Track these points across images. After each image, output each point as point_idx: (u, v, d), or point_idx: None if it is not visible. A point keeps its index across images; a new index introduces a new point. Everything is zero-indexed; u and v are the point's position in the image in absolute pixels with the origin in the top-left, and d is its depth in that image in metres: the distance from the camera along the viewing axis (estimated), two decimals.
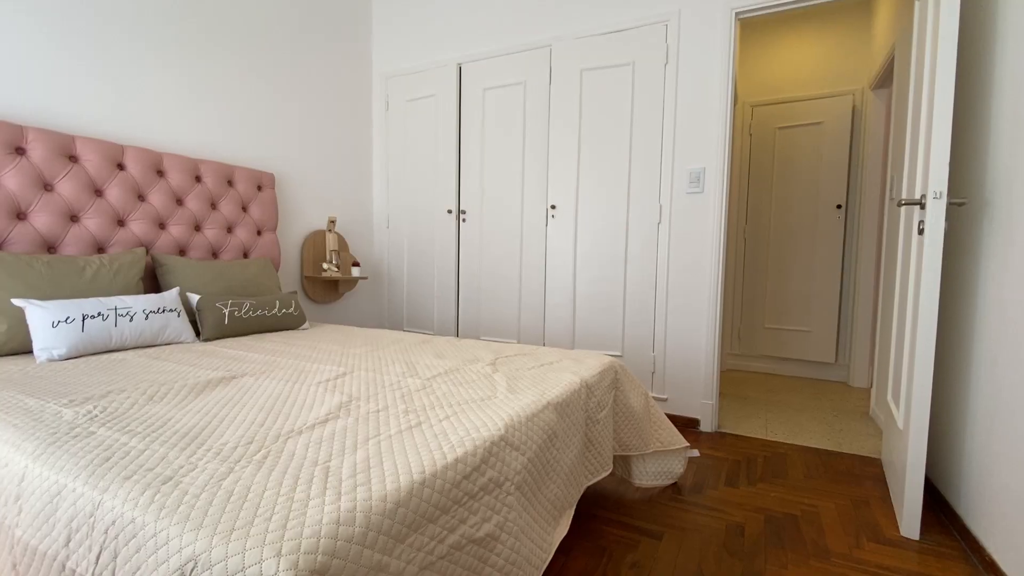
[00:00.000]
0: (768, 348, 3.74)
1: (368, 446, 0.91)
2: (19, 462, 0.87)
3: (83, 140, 1.96)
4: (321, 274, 2.98)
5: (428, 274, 3.31)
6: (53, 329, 1.56)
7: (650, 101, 2.53)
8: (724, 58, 2.36)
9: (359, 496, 0.71)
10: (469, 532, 0.86)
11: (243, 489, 0.72)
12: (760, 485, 1.92)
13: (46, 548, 0.77)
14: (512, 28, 2.90)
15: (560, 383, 1.38)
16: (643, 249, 2.59)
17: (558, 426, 1.23)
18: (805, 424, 2.61)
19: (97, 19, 2.04)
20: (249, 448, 0.88)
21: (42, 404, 1.10)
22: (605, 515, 1.66)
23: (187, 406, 1.11)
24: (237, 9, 2.57)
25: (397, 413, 1.10)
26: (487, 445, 0.96)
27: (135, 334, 1.74)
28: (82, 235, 1.96)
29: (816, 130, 3.51)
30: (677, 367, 2.55)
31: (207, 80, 2.45)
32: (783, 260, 3.68)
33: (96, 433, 0.94)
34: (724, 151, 2.38)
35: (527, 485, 1.06)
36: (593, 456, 1.47)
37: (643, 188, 2.57)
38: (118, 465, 0.80)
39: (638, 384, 1.76)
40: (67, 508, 0.76)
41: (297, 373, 1.44)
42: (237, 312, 2.07)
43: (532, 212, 2.89)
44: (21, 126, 1.81)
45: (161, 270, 2.10)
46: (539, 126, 2.84)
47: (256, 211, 2.61)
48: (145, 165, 2.14)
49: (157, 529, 0.65)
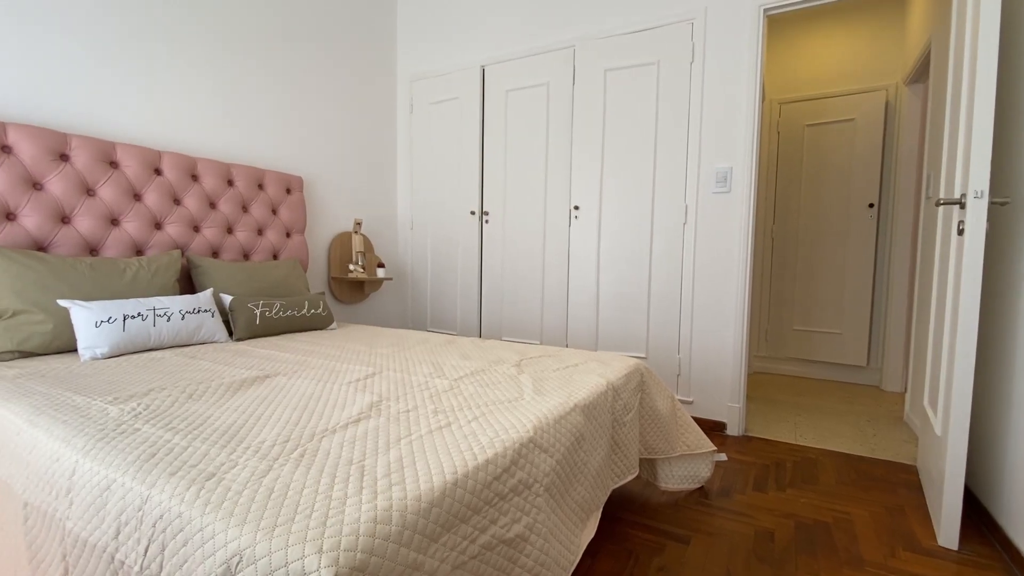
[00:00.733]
0: (797, 350, 3.66)
1: (400, 446, 0.92)
2: (70, 457, 0.91)
3: (123, 146, 2.03)
4: (347, 275, 3.03)
5: (451, 275, 3.33)
6: (96, 329, 1.63)
7: (675, 100, 2.50)
8: (752, 56, 2.32)
9: (394, 495, 0.73)
10: (499, 533, 0.87)
11: (283, 487, 0.75)
12: (790, 491, 1.88)
13: (96, 540, 0.80)
14: (535, 29, 2.90)
15: (586, 385, 1.38)
16: (668, 250, 2.56)
17: (585, 428, 1.23)
18: (836, 429, 2.55)
19: (134, 31, 2.12)
20: (286, 446, 0.90)
21: (89, 401, 1.15)
22: (631, 518, 1.65)
23: (225, 404, 1.15)
24: (267, 18, 2.63)
25: (427, 413, 1.12)
26: (516, 447, 0.96)
27: (172, 334, 1.80)
28: (122, 238, 2.03)
29: (847, 127, 3.42)
30: (703, 369, 2.51)
31: (239, 87, 2.52)
32: (812, 260, 3.59)
33: (141, 430, 0.98)
34: (752, 150, 2.34)
35: (555, 487, 1.06)
36: (619, 459, 1.46)
37: (668, 188, 2.54)
38: (163, 461, 0.84)
39: (664, 387, 1.75)
40: (116, 502, 0.79)
41: (328, 373, 1.47)
42: (268, 312, 2.12)
43: (555, 213, 2.89)
44: (65, 134, 1.89)
45: (196, 271, 2.16)
46: (562, 127, 2.83)
47: (285, 214, 2.68)
48: (181, 170, 2.21)
49: (203, 524, 0.67)
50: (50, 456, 0.94)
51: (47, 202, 1.83)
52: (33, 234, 1.80)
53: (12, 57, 1.80)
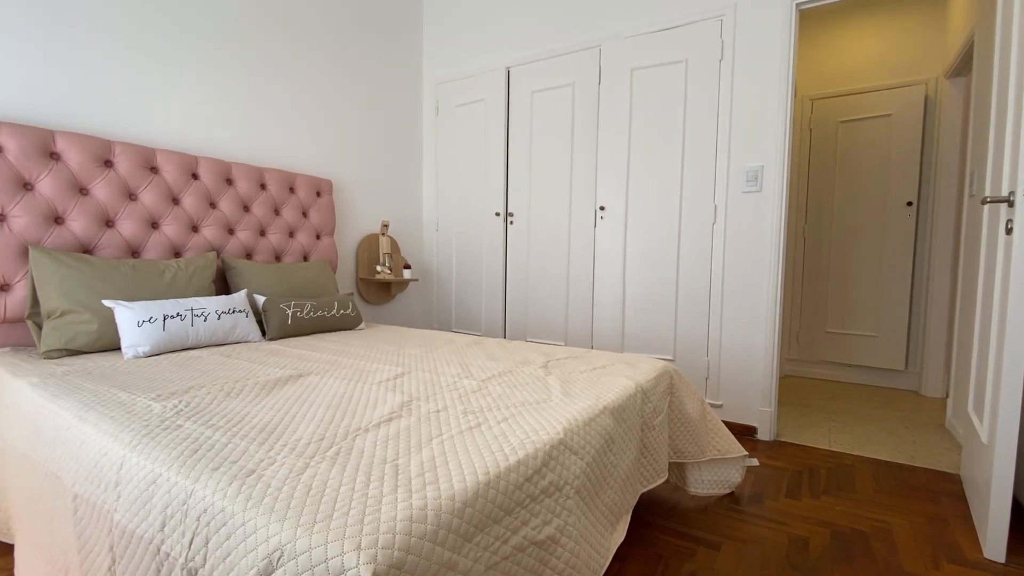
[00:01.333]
0: (830, 353, 3.55)
1: (432, 445, 0.93)
2: (117, 452, 0.95)
3: (163, 152, 2.11)
4: (375, 276, 3.08)
5: (476, 276, 3.35)
6: (138, 328, 1.69)
7: (704, 98, 2.46)
8: (784, 52, 2.27)
9: (429, 495, 0.74)
10: (531, 534, 0.87)
11: (320, 484, 0.76)
12: (824, 498, 1.83)
13: (143, 532, 0.84)
14: (560, 30, 2.90)
15: (615, 388, 1.37)
16: (697, 250, 2.52)
17: (615, 431, 1.22)
18: (872, 435, 2.47)
19: (173, 42, 2.20)
20: (321, 444, 0.92)
21: (133, 398, 1.20)
22: (660, 522, 1.63)
23: (261, 402, 1.18)
24: (296, 26, 2.69)
25: (456, 414, 1.12)
26: (547, 449, 0.96)
27: (209, 333, 1.86)
28: (161, 241, 2.11)
29: (884, 123, 3.31)
30: (733, 372, 2.47)
31: (270, 93, 2.58)
32: (846, 261, 3.49)
33: (183, 426, 1.01)
34: (784, 148, 2.28)
35: (586, 489, 1.06)
36: (648, 462, 1.45)
37: (697, 188, 2.51)
38: (205, 457, 0.86)
39: (694, 390, 1.72)
40: (162, 495, 0.82)
41: (358, 372, 1.50)
42: (299, 313, 2.17)
43: (580, 213, 2.87)
44: (109, 141, 1.97)
45: (230, 273, 2.23)
46: (588, 127, 2.82)
47: (315, 216, 2.73)
48: (216, 174, 2.28)
49: (245, 519, 0.69)
50: (98, 450, 0.98)
51: (92, 206, 1.91)
52: (80, 237, 1.88)
53: (60, 67, 1.89)
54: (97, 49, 1.97)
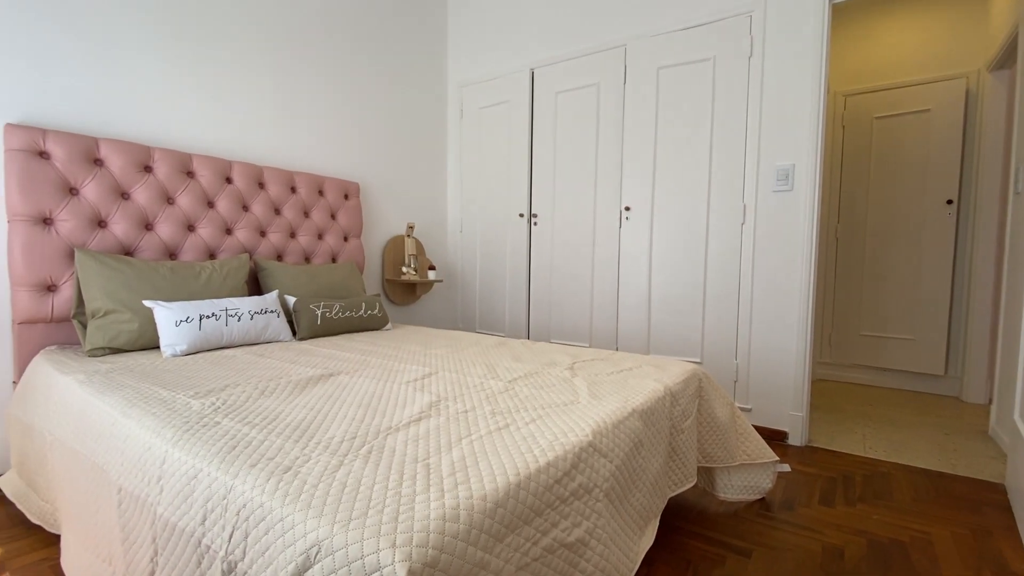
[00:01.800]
0: (864, 357, 3.44)
1: (462, 445, 0.94)
2: (160, 447, 0.98)
3: (199, 157, 2.18)
4: (400, 277, 3.12)
5: (500, 277, 3.36)
6: (176, 328, 1.75)
7: (732, 96, 2.42)
8: (816, 48, 2.21)
9: (461, 494, 0.74)
10: (561, 536, 0.87)
11: (355, 482, 0.78)
12: (860, 506, 1.78)
13: (184, 525, 0.86)
14: (585, 30, 2.89)
15: (643, 390, 1.35)
16: (725, 251, 2.48)
17: (644, 434, 1.21)
18: (910, 442, 2.38)
19: (209, 50, 2.27)
20: (354, 443, 0.94)
21: (173, 395, 1.24)
22: (688, 527, 1.61)
23: (294, 401, 1.20)
24: (323, 33, 2.75)
25: (484, 414, 1.13)
26: (576, 451, 0.96)
27: (242, 333, 1.91)
28: (197, 243, 2.17)
29: (922, 118, 3.19)
30: (763, 375, 2.41)
31: (299, 98, 2.64)
32: (882, 261, 3.38)
33: (221, 423, 1.04)
34: (816, 146, 2.23)
35: (615, 492, 1.05)
36: (677, 466, 1.43)
37: (725, 187, 2.46)
38: (243, 454, 0.89)
39: (723, 393, 1.69)
40: (203, 490, 0.85)
41: (387, 372, 1.52)
42: (328, 313, 2.21)
43: (605, 214, 2.86)
44: (149, 147, 2.04)
45: (262, 274, 2.28)
46: (613, 127, 2.80)
47: (343, 218, 2.78)
48: (249, 178, 2.35)
49: (283, 514, 0.71)
50: (142, 445, 1.02)
51: (133, 210, 1.98)
52: (121, 240, 1.96)
53: (103, 78, 1.97)
54: (137, 60, 2.05)
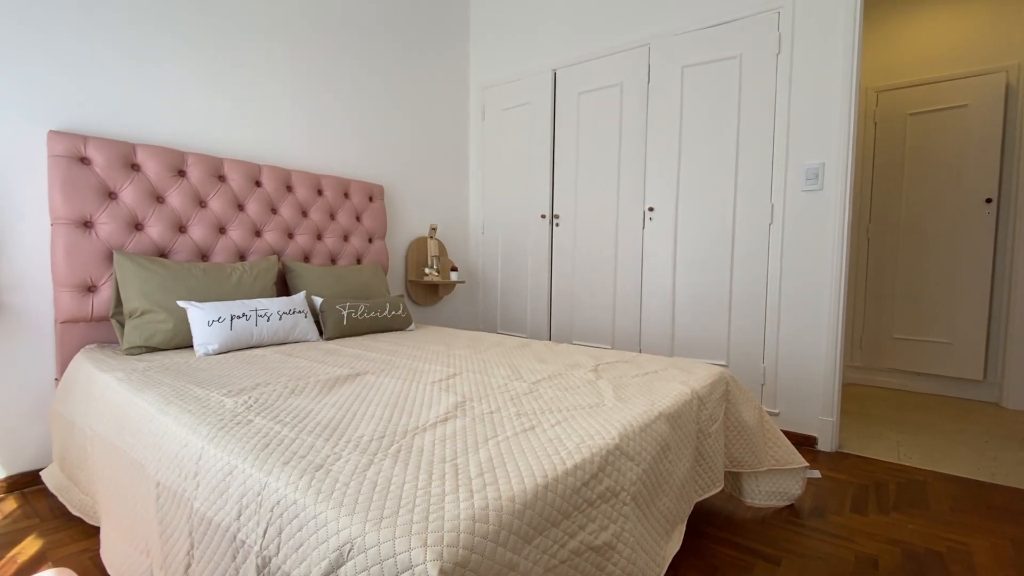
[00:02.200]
0: (897, 361, 3.34)
1: (488, 446, 0.94)
2: (196, 444, 1.01)
3: (230, 162, 2.24)
4: (423, 278, 3.15)
5: (521, 278, 3.36)
6: (208, 327, 1.80)
7: (759, 94, 2.38)
8: (847, 43, 2.16)
9: (489, 495, 0.75)
10: (588, 539, 0.87)
11: (385, 480, 0.79)
12: (894, 514, 1.72)
13: (220, 519, 0.89)
14: (608, 30, 2.87)
15: (670, 393, 1.34)
16: (752, 251, 2.43)
17: (671, 438, 1.20)
18: (947, 449, 2.30)
19: (239, 57, 2.33)
20: (383, 442, 0.95)
21: (207, 393, 1.27)
22: (714, 533, 1.58)
23: (323, 400, 1.23)
24: (348, 38, 2.80)
25: (510, 416, 1.13)
26: (603, 454, 0.96)
27: (271, 333, 1.95)
28: (228, 245, 2.23)
29: (959, 114, 3.09)
30: (791, 379, 2.36)
31: (326, 102, 2.70)
32: (916, 262, 3.27)
33: (253, 421, 1.07)
34: (847, 144, 2.17)
35: (642, 496, 1.04)
36: (704, 471, 1.41)
37: (752, 187, 2.42)
38: (276, 451, 0.91)
39: (751, 397, 1.66)
40: (238, 486, 0.87)
41: (412, 372, 1.53)
42: (354, 314, 2.24)
43: (628, 215, 2.83)
44: (183, 152, 2.10)
45: (290, 275, 2.33)
46: (636, 127, 2.78)
47: (368, 220, 2.82)
48: (277, 182, 2.40)
49: (316, 512, 0.73)
50: (179, 442, 1.05)
51: (168, 213, 2.05)
52: (156, 242, 2.02)
53: (140, 85, 2.04)
54: (172, 68, 2.12)
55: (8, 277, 1.77)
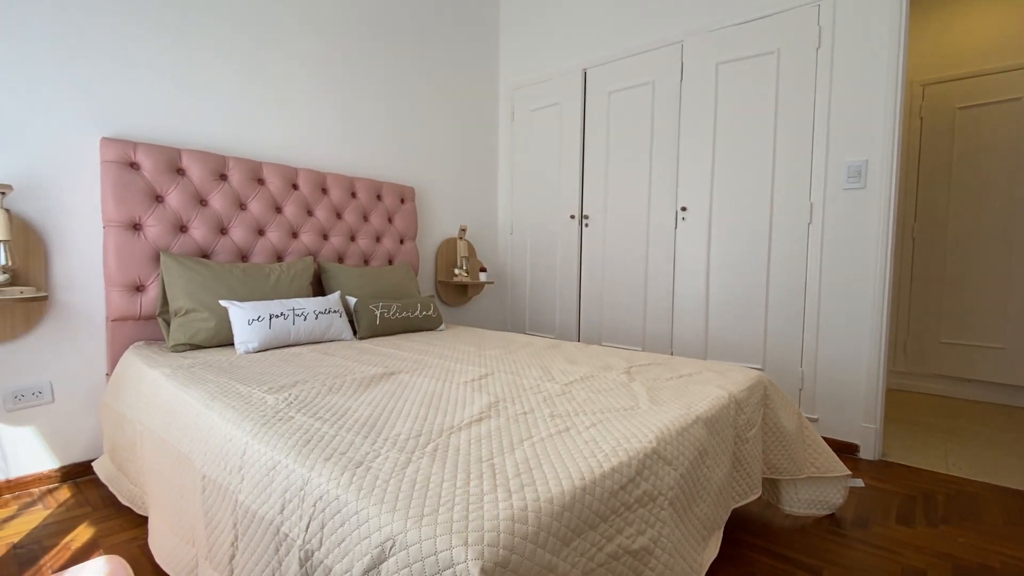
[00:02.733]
0: (944, 366, 3.19)
1: (524, 447, 0.94)
2: (240, 439, 1.04)
3: (268, 165, 2.30)
4: (452, 279, 3.17)
5: (550, 279, 3.35)
6: (249, 326, 1.86)
7: (798, 90, 2.31)
8: (893, 35, 2.07)
9: (528, 496, 0.75)
10: (625, 543, 0.86)
11: (424, 478, 0.80)
12: (943, 527, 1.65)
13: (264, 513, 0.91)
14: (639, 29, 2.84)
15: (706, 397, 1.31)
16: (790, 252, 2.37)
17: (708, 442, 1.17)
18: (1000, 459, 2.19)
19: (276, 65, 2.40)
20: (419, 440, 0.96)
21: (249, 390, 1.31)
22: (751, 541, 1.54)
23: (359, 398, 1.25)
24: (378, 41, 2.84)
25: (543, 417, 1.13)
26: (640, 457, 0.94)
27: (307, 331, 2.00)
28: (266, 246, 2.30)
29: (1013, 107, 2.93)
30: (830, 384, 2.28)
31: (357, 106, 2.75)
32: (965, 263, 3.12)
33: (294, 418, 1.09)
34: (893, 140, 2.09)
35: (679, 501, 1.02)
36: (741, 477, 1.38)
37: (790, 185, 2.35)
38: (318, 447, 0.93)
39: (790, 402, 1.61)
40: (281, 481, 0.89)
41: (444, 372, 1.55)
42: (386, 313, 2.28)
43: (660, 215, 2.79)
44: (224, 156, 2.18)
45: (325, 276, 2.39)
46: (668, 125, 2.73)
47: (399, 222, 2.86)
48: (313, 184, 2.46)
49: (358, 508, 0.74)
50: (224, 436, 1.09)
51: (210, 216, 2.12)
52: (199, 243, 2.10)
53: (185, 94, 2.12)
54: (214, 77, 2.20)
55: (64, 277, 1.87)
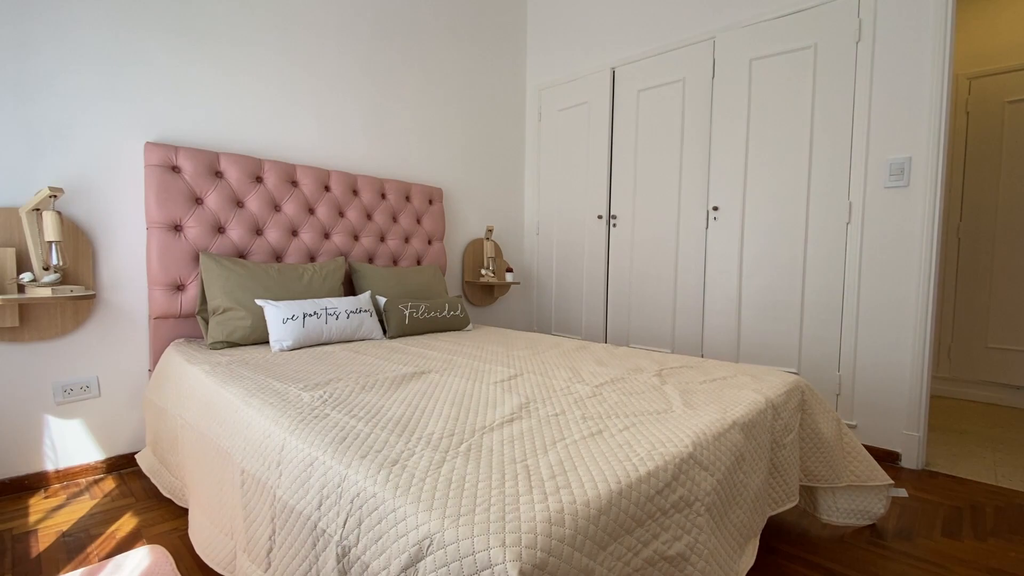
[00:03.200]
0: (992, 372, 3.05)
1: (557, 449, 0.94)
2: (279, 435, 1.07)
3: (302, 168, 2.35)
4: (479, 279, 3.18)
5: (576, 279, 3.33)
6: (283, 325, 1.90)
7: (836, 85, 2.24)
8: (939, 26, 1.99)
9: (564, 499, 0.74)
10: (661, 549, 0.84)
11: (459, 478, 0.80)
12: (992, 541, 1.57)
13: (302, 508, 0.93)
14: (669, 26, 2.79)
15: (742, 401, 1.28)
16: (827, 253, 2.29)
17: (745, 448, 1.14)
18: None
19: (309, 71, 2.45)
20: (452, 440, 0.97)
21: (286, 387, 1.34)
22: (787, 550, 1.50)
23: (392, 396, 1.26)
24: (411, 42, 2.88)
25: (575, 419, 1.12)
26: (676, 462, 0.93)
27: (339, 330, 2.04)
28: (300, 247, 2.35)
29: None
30: (870, 390, 2.20)
31: (389, 108, 2.79)
32: (1015, 264, 2.97)
33: (330, 415, 1.11)
34: (938, 136, 2.00)
35: (716, 508, 1.00)
36: (778, 484, 1.34)
37: (827, 184, 2.28)
38: (354, 445, 0.94)
39: (828, 407, 1.56)
40: (319, 477, 0.91)
41: (474, 372, 1.55)
42: (415, 313, 2.30)
43: (690, 215, 2.74)
44: (260, 159, 2.23)
45: (356, 276, 2.43)
46: (699, 123, 2.68)
47: (428, 223, 2.89)
48: (344, 186, 2.50)
49: (395, 505, 0.75)
50: (262, 432, 1.11)
51: (246, 217, 2.18)
52: (236, 244, 2.16)
53: (223, 99, 2.19)
54: (251, 83, 2.26)
55: (109, 276, 1.95)
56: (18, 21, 1.73)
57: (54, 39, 1.80)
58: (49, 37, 1.79)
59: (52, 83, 1.80)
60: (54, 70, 1.80)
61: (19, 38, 1.73)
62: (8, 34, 1.71)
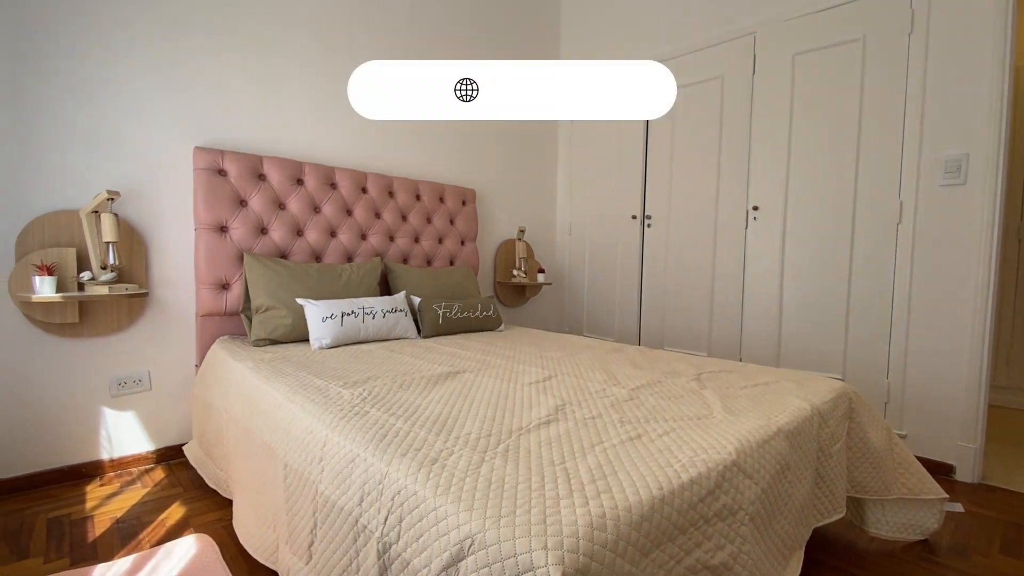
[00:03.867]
0: None
1: (595, 452, 0.93)
2: (321, 431, 1.09)
3: (340, 170, 2.41)
4: (511, 280, 3.19)
5: (609, 280, 3.30)
6: (322, 323, 1.95)
7: (886, 79, 2.14)
8: (999, 16, 1.88)
9: (605, 503, 0.73)
10: (704, 558, 0.82)
11: (499, 479, 0.80)
12: None
13: (343, 503, 0.95)
14: (707, 22, 2.73)
15: (787, 408, 1.24)
16: (875, 254, 2.20)
17: (790, 456, 1.11)
18: None
19: (346, 74, 2.49)
20: (490, 440, 0.97)
21: (326, 384, 1.37)
22: (834, 563, 1.44)
23: (429, 395, 1.28)
24: (444, 43, 2.90)
25: (613, 422, 1.11)
26: (720, 469, 0.90)
27: (375, 329, 2.07)
28: (338, 247, 2.40)
29: None
30: (920, 398, 2.10)
31: None
32: None
33: (369, 413, 1.13)
34: (999, 131, 1.89)
35: (760, 517, 0.97)
36: (824, 495, 1.29)
37: (876, 182, 2.18)
38: (394, 443, 0.96)
39: (878, 416, 1.49)
40: (360, 473, 0.92)
41: (508, 373, 1.56)
42: (448, 313, 2.32)
43: (729, 215, 2.67)
44: (301, 162, 2.30)
45: (391, 276, 2.47)
46: (739, 121, 2.62)
47: (461, 224, 2.91)
48: (380, 188, 2.55)
49: (436, 504, 0.75)
50: (305, 428, 1.14)
51: (288, 218, 2.24)
52: (278, 244, 2.22)
53: (267, 106, 2.26)
54: (291, 87, 2.33)
55: (160, 275, 2.04)
56: (82, 34, 1.83)
57: (112, 54, 1.89)
58: (106, 47, 1.88)
59: (109, 92, 1.89)
60: (109, 79, 1.90)
61: (83, 50, 1.83)
62: (70, 45, 1.81)
